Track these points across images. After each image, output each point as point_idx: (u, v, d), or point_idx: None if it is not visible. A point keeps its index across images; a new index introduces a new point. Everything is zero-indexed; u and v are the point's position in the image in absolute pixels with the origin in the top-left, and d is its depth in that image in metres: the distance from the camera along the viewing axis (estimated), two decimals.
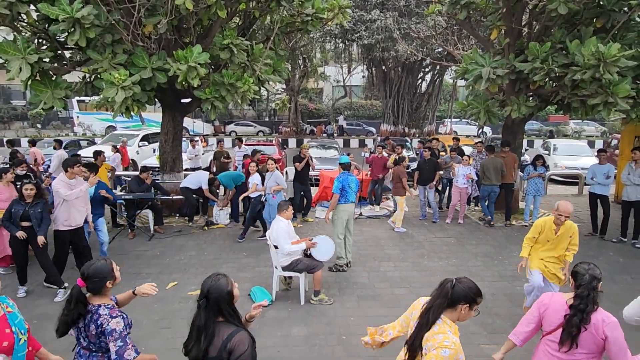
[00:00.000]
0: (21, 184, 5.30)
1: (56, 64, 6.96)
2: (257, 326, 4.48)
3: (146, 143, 15.75)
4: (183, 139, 10.03)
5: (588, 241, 7.47)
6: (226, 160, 11.11)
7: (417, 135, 24.76)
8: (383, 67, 24.51)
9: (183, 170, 9.42)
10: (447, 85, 31.51)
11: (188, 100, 8.64)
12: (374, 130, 28.50)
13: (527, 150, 18.00)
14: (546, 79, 7.20)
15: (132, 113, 6.98)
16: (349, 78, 30.42)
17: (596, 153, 8.39)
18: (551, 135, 25.15)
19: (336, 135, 28.29)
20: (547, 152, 14.92)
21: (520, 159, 9.15)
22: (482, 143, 9.88)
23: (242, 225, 7.95)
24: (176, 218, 8.92)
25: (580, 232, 4.61)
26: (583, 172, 11.06)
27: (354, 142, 26.29)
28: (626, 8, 6.76)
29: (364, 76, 31.32)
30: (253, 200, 7.54)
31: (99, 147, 11.43)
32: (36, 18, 6.53)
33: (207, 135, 25.47)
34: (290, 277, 5.56)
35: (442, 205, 9.85)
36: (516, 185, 9.06)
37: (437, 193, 9.65)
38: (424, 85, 26.64)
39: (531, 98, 8.09)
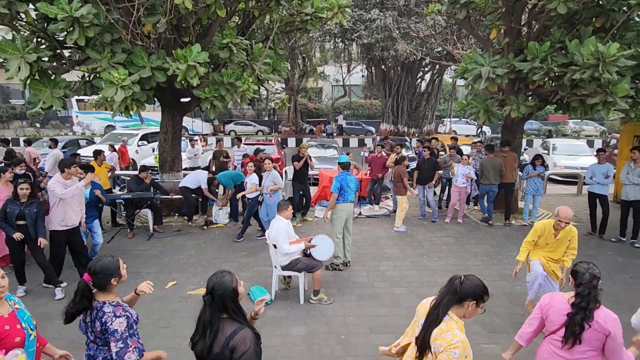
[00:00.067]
0: (15, 184, 5.28)
1: (55, 63, 6.95)
2: (257, 325, 4.47)
3: (145, 142, 15.75)
4: (182, 138, 10.02)
5: (587, 241, 7.49)
6: (225, 159, 11.11)
7: (417, 134, 24.77)
8: (382, 67, 24.50)
9: (182, 169, 9.42)
10: (447, 84, 31.51)
11: (187, 99, 8.63)
12: (374, 129, 28.50)
13: (526, 149, 18.02)
14: (545, 79, 7.21)
15: (132, 112, 6.97)
16: (349, 77, 30.42)
17: (595, 153, 8.41)
18: (549, 134, 25.06)
19: (335, 134, 28.29)
20: (547, 152, 14.95)
21: (519, 159, 9.16)
22: (482, 142, 9.89)
23: (242, 224, 7.95)
24: (175, 217, 8.92)
25: (579, 232, 4.62)
26: (582, 172, 11.08)
27: (354, 142, 26.29)
28: (625, 8, 6.77)
29: (364, 75, 31.31)
30: (250, 200, 7.55)
31: (97, 147, 11.40)
32: (35, 17, 6.52)
33: (207, 134, 25.45)
34: (289, 277, 5.56)
35: (442, 204, 9.88)
36: (516, 184, 9.07)
37: (435, 194, 9.65)
38: (424, 84, 26.63)
39: (530, 97, 8.10)
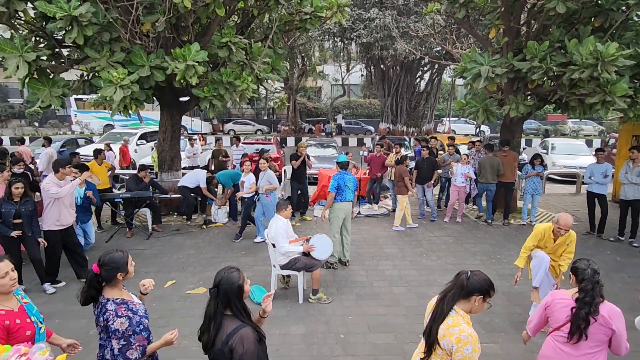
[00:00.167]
0: (9, 182, 5.22)
1: (54, 62, 6.93)
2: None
3: (144, 141, 15.74)
4: (181, 138, 10.01)
5: (585, 240, 7.50)
6: (224, 158, 11.10)
7: (416, 134, 24.80)
8: (382, 66, 24.50)
9: (181, 168, 9.41)
10: (446, 84, 31.52)
11: (186, 98, 8.61)
12: (373, 129, 28.51)
13: (525, 149, 18.03)
14: (544, 78, 7.21)
15: (130, 111, 6.96)
16: (348, 77, 30.40)
17: (594, 152, 8.41)
18: (547, 134, 24.88)
19: (335, 134, 28.30)
20: (545, 151, 14.97)
21: (518, 158, 9.17)
22: (481, 142, 9.91)
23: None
24: (174, 217, 8.91)
25: (577, 231, 4.63)
26: (581, 171, 11.10)
27: (353, 141, 26.29)
28: (624, 7, 6.78)
29: (363, 75, 31.31)
30: (247, 199, 7.53)
31: (96, 146, 11.38)
32: (33, 16, 6.49)
33: (206, 133, 25.43)
34: (288, 276, 5.56)
35: (441, 204, 9.89)
36: (515, 184, 9.08)
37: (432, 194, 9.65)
38: (423, 84, 26.64)
39: (529, 97, 8.10)
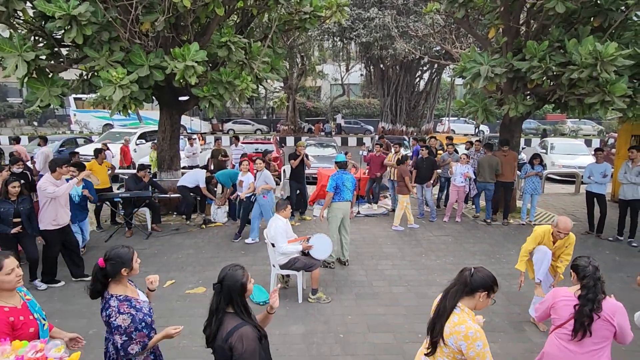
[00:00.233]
0: (5, 182, 5.20)
1: (53, 62, 6.91)
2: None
3: (144, 141, 15.71)
4: (181, 137, 10.00)
5: (584, 240, 7.49)
6: (224, 158, 11.09)
7: (415, 133, 24.81)
8: (381, 66, 24.51)
9: (180, 168, 9.40)
10: (445, 83, 31.54)
11: (186, 98, 8.61)
12: (372, 128, 28.53)
13: (524, 148, 18.04)
14: (544, 78, 7.21)
15: (130, 111, 6.95)
16: (347, 76, 30.38)
17: (593, 152, 8.42)
18: (544, 134, 24.58)
19: (334, 133, 28.30)
20: (545, 151, 14.99)
21: (517, 158, 9.18)
22: (480, 141, 9.93)
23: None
24: (174, 216, 8.90)
25: (577, 231, 4.64)
26: (580, 171, 11.11)
27: (352, 141, 26.29)
28: (623, 7, 6.78)
29: (362, 74, 31.31)
30: (245, 199, 7.52)
31: (94, 146, 11.37)
32: (32, 15, 6.49)
33: (205, 133, 25.42)
34: (287, 276, 5.56)
35: (440, 203, 9.89)
36: (514, 184, 9.09)
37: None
38: (422, 83, 26.66)
39: (529, 97, 8.10)
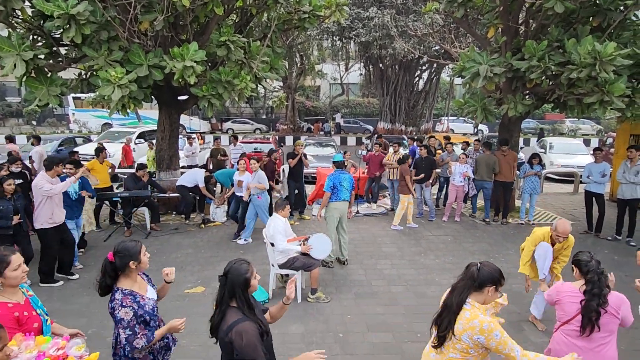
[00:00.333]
0: (0, 180, 5.21)
1: (51, 61, 6.91)
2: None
3: (142, 140, 15.70)
4: (180, 137, 9.99)
5: (583, 239, 7.50)
6: (223, 157, 11.09)
7: (414, 133, 24.83)
8: (380, 65, 24.51)
9: (180, 167, 9.40)
10: (444, 83, 31.55)
11: (185, 97, 8.61)
12: (371, 128, 28.53)
13: (523, 148, 18.04)
14: (543, 77, 7.22)
15: (129, 110, 6.95)
16: (346, 76, 30.38)
17: (592, 151, 8.43)
18: (542, 133, 24.19)
19: (333, 133, 28.30)
20: (543, 151, 15.00)
21: (517, 158, 9.19)
22: (479, 141, 9.94)
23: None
24: (173, 216, 8.90)
25: (575, 230, 4.64)
26: (579, 171, 11.12)
27: (351, 140, 26.29)
28: (622, 7, 6.78)
29: (361, 74, 31.32)
30: (242, 199, 7.50)
31: (94, 145, 11.33)
32: (31, 14, 6.48)
33: (204, 132, 25.39)
34: (287, 275, 5.55)
35: (439, 203, 9.90)
36: (513, 183, 9.10)
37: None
38: (421, 83, 26.67)
39: (528, 96, 8.11)
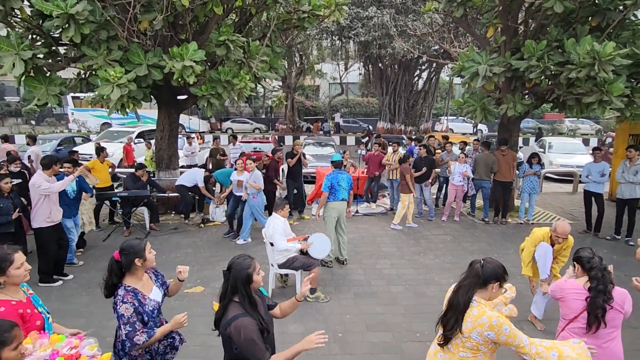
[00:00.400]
0: None
1: (50, 60, 6.89)
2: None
3: (142, 140, 15.68)
4: (179, 136, 9.99)
5: (582, 239, 7.51)
6: (222, 157, 11.08)
7: (414, 132, 24.84)
8: (380, 65, 24.51)
9: (179, 167, 9.39)
10: (444, 82, 31.56)
11: (184, 97, 8.60)
12: (371, 127, 28.52)
13: (521, 147, 18.06)
14: (542, 77, 7.22)
15: (128, 110, 6.94)
16: (346, 75, 30.40)
17: (591, 151, 8.44)
18: (540, 133, 24.04)
19: (333, 132, 28.30)
20: (542, 150, 15.02)
21: (516, 157, 9.20)
22: (478, 140, 9.96)
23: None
24: (172, 215, 8.89)
25: (574, 230, 4.65)
26: (578, 170, 11.13)
27: (351, 140, 26.29)
28: (621, 7, 6.79)
29: (361, 73, 31.33)
30: (241, 199, 7.49)
31: (91, 145, 11.31)
32: (30, 14, 6.47)
33: (203, 132, 25.38)
34: (286, 275, 5.57)
35: (438, 202, 9.91)
36: (513, 183, 9.11)
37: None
38: (421, 82, 26.68)
39: (527, 96, 8.11)
